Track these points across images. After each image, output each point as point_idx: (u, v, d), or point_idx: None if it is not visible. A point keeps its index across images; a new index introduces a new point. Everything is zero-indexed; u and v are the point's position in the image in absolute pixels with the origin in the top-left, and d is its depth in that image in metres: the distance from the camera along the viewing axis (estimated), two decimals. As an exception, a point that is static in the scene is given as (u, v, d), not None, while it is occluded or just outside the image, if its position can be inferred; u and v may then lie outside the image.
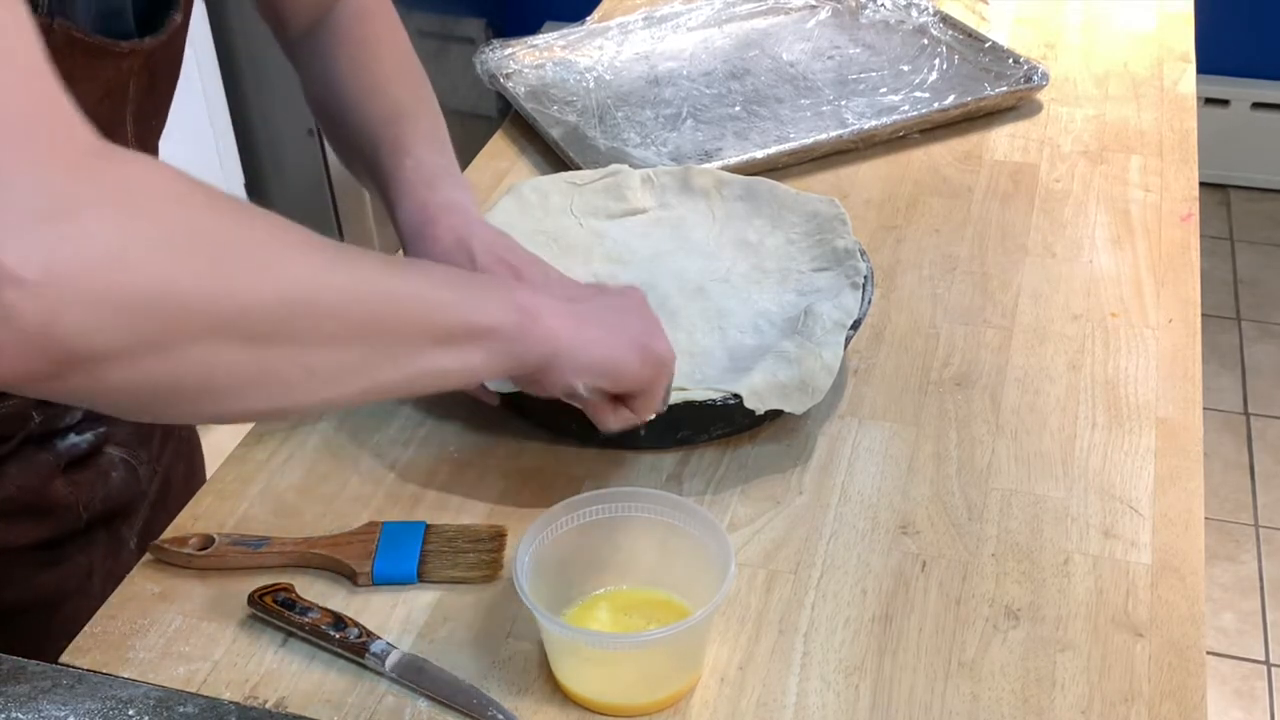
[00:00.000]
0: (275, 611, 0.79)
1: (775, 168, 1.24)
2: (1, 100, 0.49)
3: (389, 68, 0.97)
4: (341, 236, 2.49)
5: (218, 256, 0.55)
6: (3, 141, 0.48)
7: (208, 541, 0.83)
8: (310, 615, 0.78)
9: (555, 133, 1.30)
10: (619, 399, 0.80)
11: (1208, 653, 0.79)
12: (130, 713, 0.68)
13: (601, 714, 0.74)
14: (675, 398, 0.87)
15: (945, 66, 1.39)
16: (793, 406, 0.90)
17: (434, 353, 0.67)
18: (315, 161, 2.46)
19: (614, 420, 0.81)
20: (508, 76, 1.42)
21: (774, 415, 0.93)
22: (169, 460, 1.00)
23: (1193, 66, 1.43)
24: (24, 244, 0.47)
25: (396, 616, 0.80)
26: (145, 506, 0.97)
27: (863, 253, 1.01)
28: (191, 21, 0.84)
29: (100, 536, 0.93)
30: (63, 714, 0.67)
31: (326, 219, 2.51)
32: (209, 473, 0.93)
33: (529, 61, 1.45)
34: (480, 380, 0.72)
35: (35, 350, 0.49)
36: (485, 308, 0.69)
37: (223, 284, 0.55)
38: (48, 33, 0.69)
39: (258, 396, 0.60)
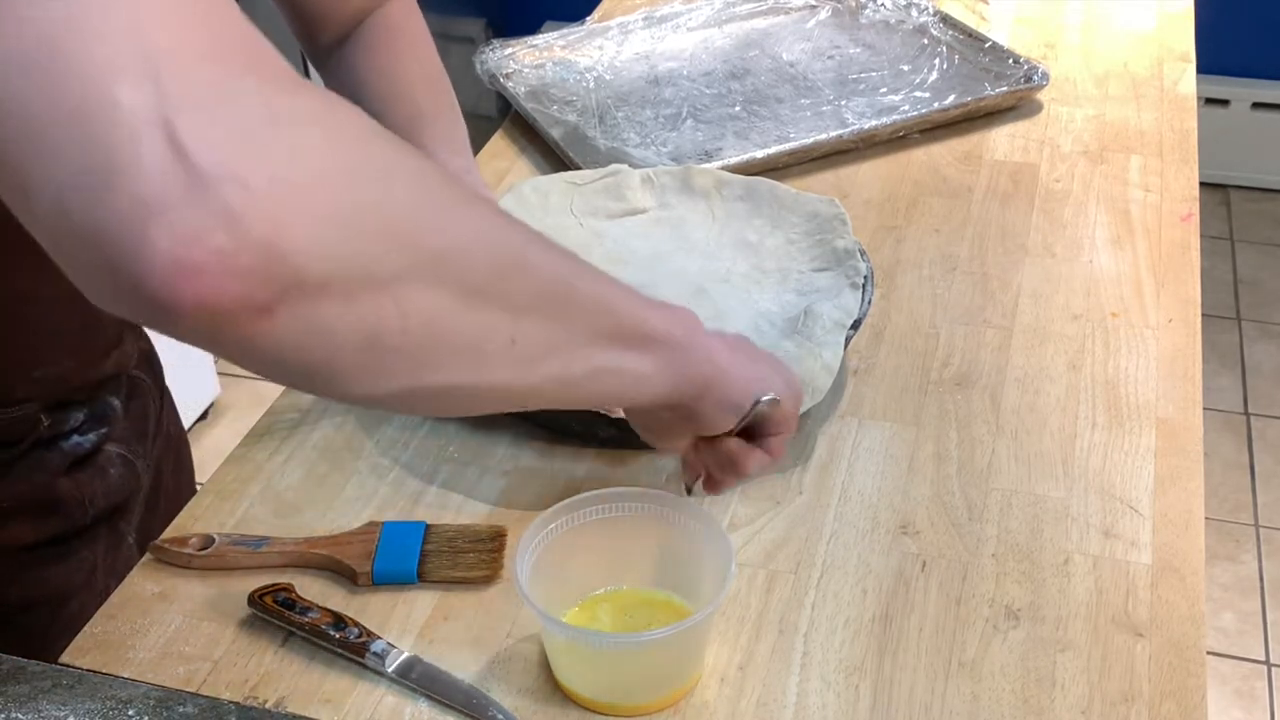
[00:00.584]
0: (275, 611, 0.78)
1: (775, 168, 1.24)
2: (217, 24, 0.45)
3: (413, 75, 0.98)
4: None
5: (434, 198, 0.51)
6: (224, 56, 0.44)
7: (208, 541, 0.83)
8: (310, 615, 0.78)
9: (555, 133, 1.30)
10: (748, 435, 0.75)
11: (1208, 653, 0.79)
12: (130, 713, 0.68)
13: (601, 714, 0.74)
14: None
15: (945, 66, 1.39)
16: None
17: (615, 350, 0.62)
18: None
19: (754, 462, 0.76)
20: (508, 76, 1.42)
21: (774, 415, 0.92)
22: (159, 455, 1.01)
23: (1193, 66, 1.43)
24: (250, 150, 0.42)
25: (396, 616, 0.80)
26: (140, 502, 0.98)
27: (863, 253, 1.01)
28: None
29: (102, 532, 0.94)
30: (63, 714, 0.67)
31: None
32: (209, 471, 0.93)
33: (529, 61, 1.45)
34: (643, 397, 0.67)
35: (258, 267, 0.43)
36: (655, 314, 0.65)
37: (439, 221, 0.50)
38: None
39: (458, 364, 0.54)
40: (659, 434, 0.77)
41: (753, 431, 0.75)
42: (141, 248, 0.41)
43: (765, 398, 0.72)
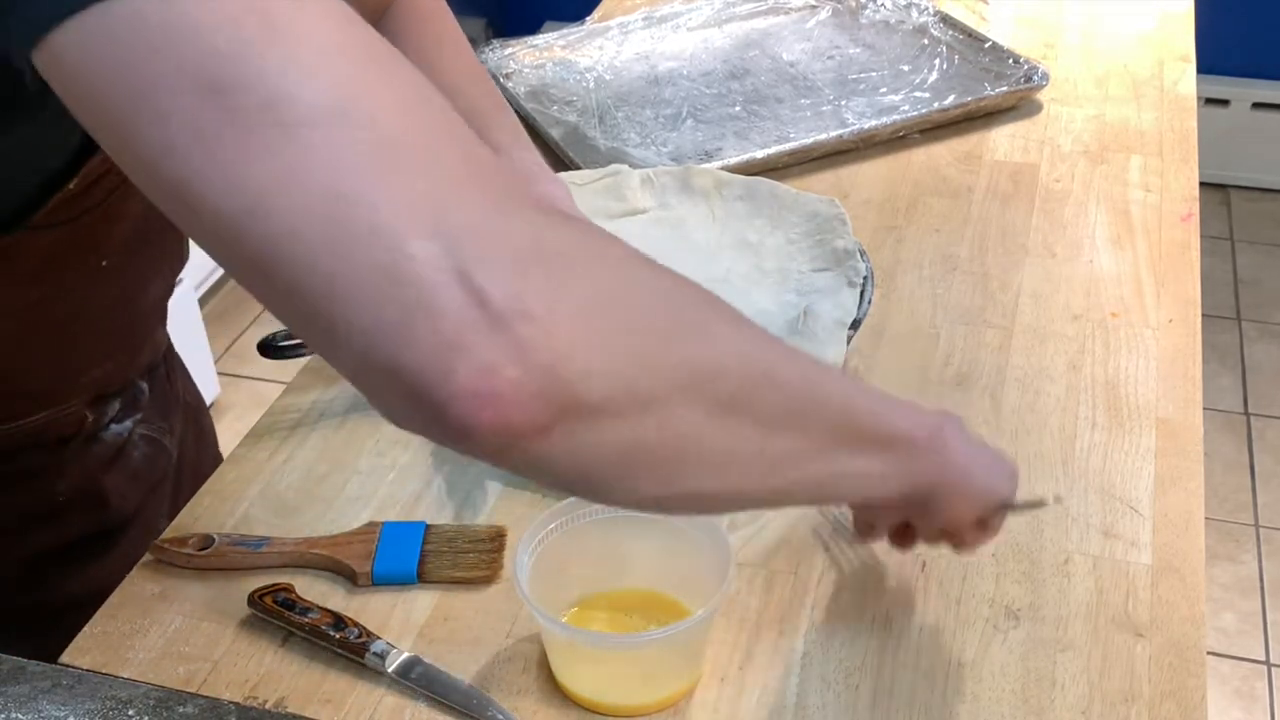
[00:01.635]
0: (275, 611, 0.78)
1: (775, 168, 1.24)
2: (476, 163, 0.49)
3: (461, 68, 0.98)
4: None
5: (687, 316, 0.54)
6: (490, 194, 0.48)
7: (208, 541, 0.83)
8: (310, 615, 0.78)
9: (555, 133, 1.30)
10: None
11: (1208, 653, 0.79)
12: (130, 713, 0.68)
13: (601, 714, 0.74)
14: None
15: (945, 66, 1.39)
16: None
17: (847, 455, 0.63)
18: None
19: (979, 542, 0.76)
20: (508, 76, 1.42)
21: (774, 415, 0.92)
22: (181, 431, 1.02)
23: (1193, 66, 1.43)
24: (533, 286, 0.46)
25: (396, 616, 0.80)
26: (170, 482, 0.99)
27: (862, 253, 1.01)
28: None
29: (138, 521, 0.95)
30: (63, 714, 0.67)
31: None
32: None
33: (529, 61, 1.45)
34: (876, 496, 0.68)
35: (541, 392, 0.46)
36: (899, 415, 0.66)
37: (698, 339, 0.53)
38: None
39: (706, 475, 0.56)
40: (880, 516, 0.76)
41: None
42: (445, 383, 0.45)
43: (1016, 503, 0.73)
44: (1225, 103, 2.96)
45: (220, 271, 2.42)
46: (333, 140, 0.45)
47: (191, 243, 0.85)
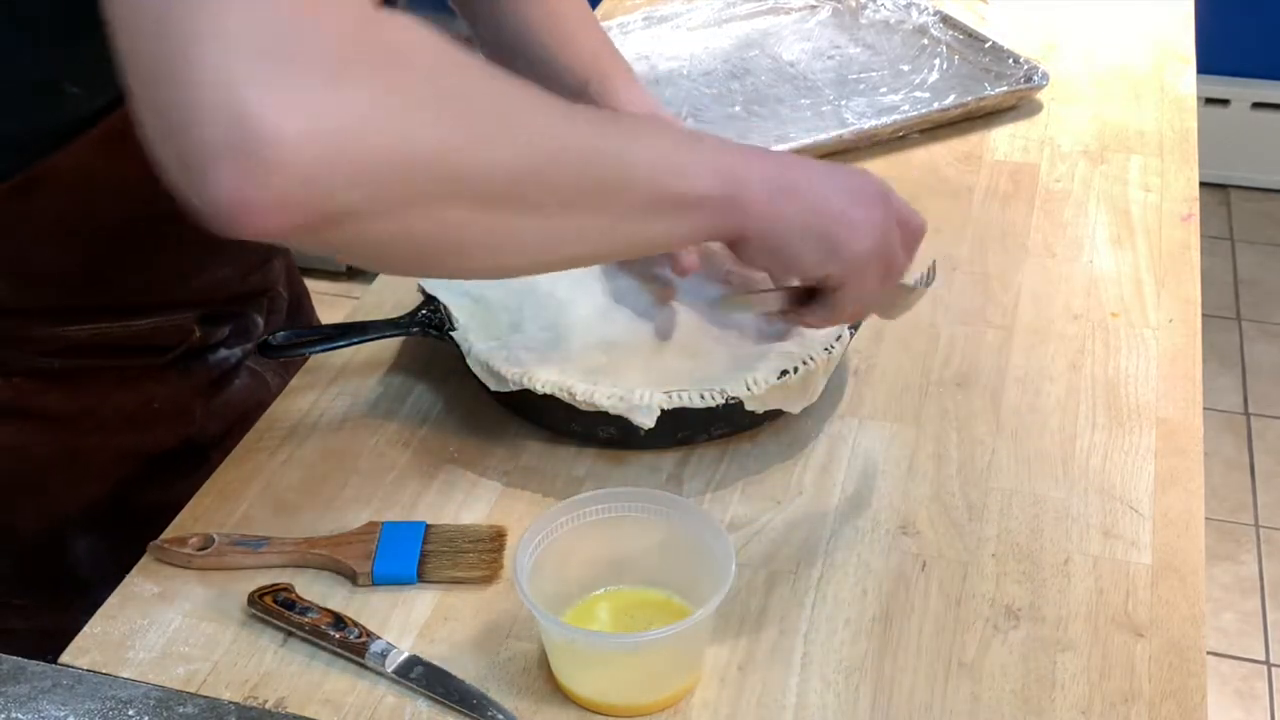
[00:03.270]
0: (275, 611, 0.78)
1: (775, 168, 1.24)
2: None
3: (577, 14, 1.05)
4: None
5: (464, 120, 0.59)
6: (290, 9, 0.53)
7: (208, 541, 0.83)
8: (310, 615, 0.78)
9: (555, 133, 1.30)
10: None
11: (1208, 653, 0.79)
12: (130, 713, 0.68)
13: (601, 714, 0.74)
14: (675, 400, 0.87)
15: (945, 66, 1.39)
16: (793, 406, 0.90)
17: (646, 221, 0.70)
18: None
19: (816, 320, 0.83)
20: (508, 76, 1.42)
21: (774, 415, 0.93)
22: (277, 373, 1.05)
23: (1193, 66, 1.43)
24: (289, 107, 0.51)
25: (396, 616, 0.80)
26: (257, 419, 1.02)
27: (863, 253, 1.01)
28: None
29: (222, 448, 0.97)
30: (63, 714, 0.67)
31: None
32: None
33: (529, 61, 1.45)
34: (675, 248, 0.79)
35: (296, 207, 0.53)
36: (698, 175, 0.71)
37: (466, 149, 0.59)
38: None
39: (484, 256, 0.65)
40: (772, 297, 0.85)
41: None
42: (205, 190, 0.52)
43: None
44: (1225, 103, 2.96)
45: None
46: None
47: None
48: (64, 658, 0.77)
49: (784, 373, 0.89)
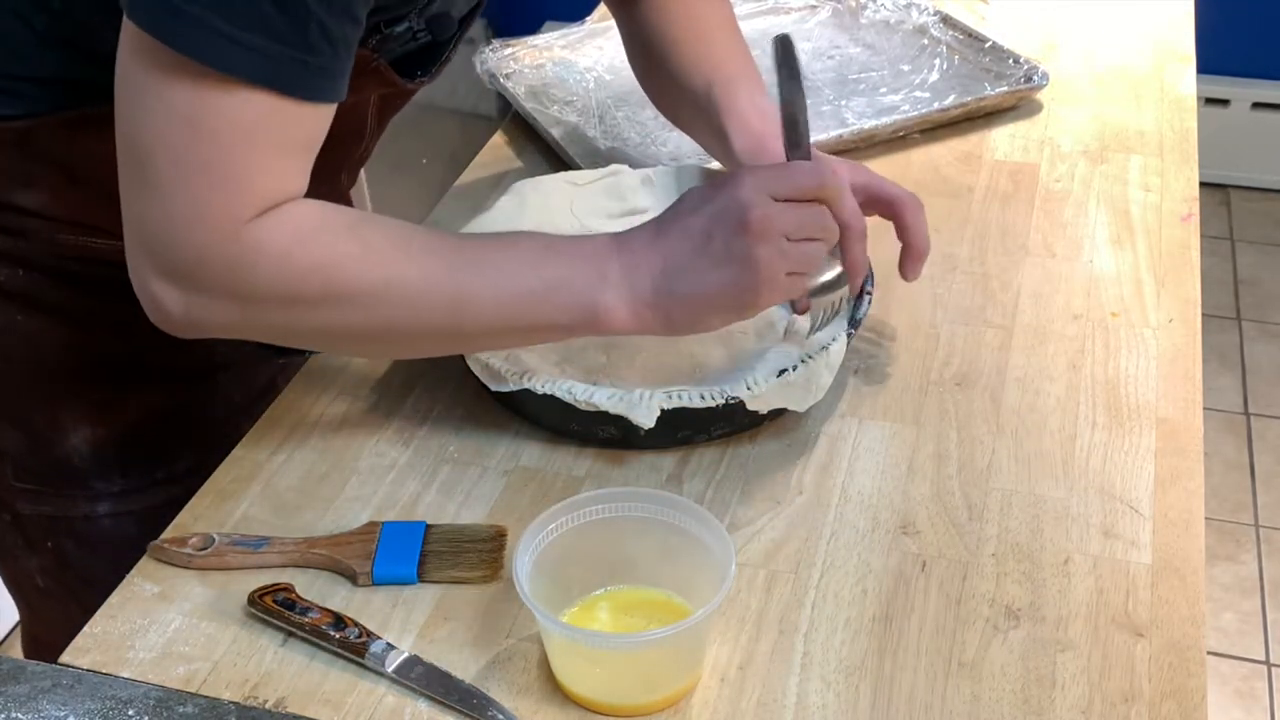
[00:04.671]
0: (275, 611, 0.78)
1: (775, 168, 1.24)
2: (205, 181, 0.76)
3: (717, 17, 1.09)
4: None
5: (298, 308, 0.81)
6: (183, 213, 0.76)
7: (208, 541, 0.83)
8: (310, 615, 0.78)
9: (555, 133, 1.30)
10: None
11: (1208, 653, 0.79)
12: (130, 713, 0.68)
13: (601, 714, 0.74)
14: (675, 400, 0.87)
15: (945, 66, 1.39)
16: (793, 406, 0.90)
17: (510, 339, 0.88)
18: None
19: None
20: (508, 76, 1.42)
21: (775, 415, 0.93)
22: None
23: (1193, 66, 1.43)
24: (164, 297, 0.80)
25: (396, 616, 0.80)
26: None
27: (863, 253, 1.01)
28: None
29: (232, 362, 1.08)
30: (63, 714, 0.67)
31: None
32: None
33: (529, 61, 1.45)
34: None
35: (186, 334, 0.83)
36: (563, 310, 0.83)
37: (301, 324, 0.83)
38: (368, 66, 0.88)
39: (372, 353, 0.94)
40: None
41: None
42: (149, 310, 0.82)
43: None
44: (1225, 103, 2.96)
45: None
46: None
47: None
48: (64, 657, 0.77)
49: (783, 371, 0.89)
